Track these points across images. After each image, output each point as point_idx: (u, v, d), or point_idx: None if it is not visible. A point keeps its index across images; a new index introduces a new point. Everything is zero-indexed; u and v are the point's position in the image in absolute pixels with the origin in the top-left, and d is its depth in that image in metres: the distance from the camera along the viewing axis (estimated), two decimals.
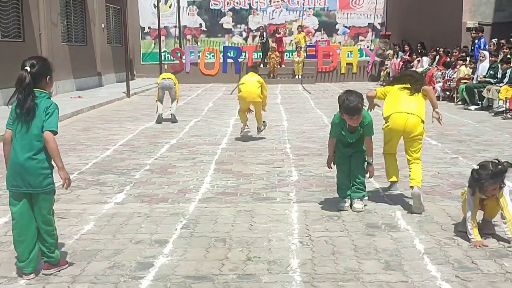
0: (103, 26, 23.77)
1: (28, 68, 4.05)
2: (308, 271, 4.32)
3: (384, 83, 23.80)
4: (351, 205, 5.94)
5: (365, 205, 5.97)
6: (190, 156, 8.80)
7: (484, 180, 4.82)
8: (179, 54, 26.89)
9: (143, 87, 22.03)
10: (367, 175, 6.09)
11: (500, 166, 4.86)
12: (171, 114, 12.89)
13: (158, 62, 25.22)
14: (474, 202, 4.96)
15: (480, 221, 5.16)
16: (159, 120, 12.69)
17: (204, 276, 4.22)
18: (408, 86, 6.12)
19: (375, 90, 6.54)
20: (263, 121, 10.59)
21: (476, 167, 4.94)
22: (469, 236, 4.88)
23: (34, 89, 4.05)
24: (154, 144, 9.93)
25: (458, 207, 5.94)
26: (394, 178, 6.16)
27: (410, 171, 6.01)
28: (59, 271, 4.29)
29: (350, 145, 5.98)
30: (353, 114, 5.63)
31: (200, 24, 28.81)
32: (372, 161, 6.08)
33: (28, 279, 4.15)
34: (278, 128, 11.85)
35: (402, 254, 4.65)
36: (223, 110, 15.35)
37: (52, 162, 4.16)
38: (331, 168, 6.14)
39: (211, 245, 4.89)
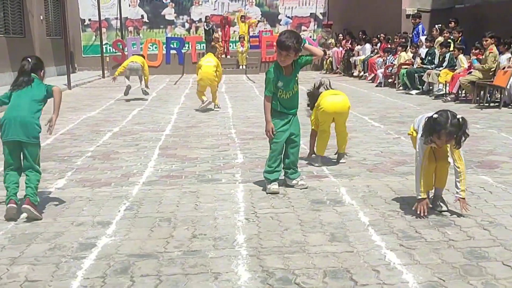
0: (41, 17, 23.15)
1: (29, 60, 5.33)
2: (254, 245, 4.29)
3: (326, 72, 24.06)
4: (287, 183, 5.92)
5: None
6: (133, 142, 8.66)
7: (442, 127, 4.54)
8: (121, 46, 26.45)
9: (85, 80, 21.59)
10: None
11: (458, 117, 4.59)
12: (141, 89, 14.47)
13: (100, 55, 24.79)
14: (424, 155, 4.80)
15: (432, 197, 5.08)
16: (127, 91, 14.24)
17: (149, 254, 4.14)
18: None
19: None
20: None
21: (434, 115, 4.63)
22: (417, 192, 4.84)
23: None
24: (96, 132, 9.73)
25: (402, 182, 6.05)
26: (321, 152, 6.96)
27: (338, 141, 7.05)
28: (36, 217, 4.93)
29: (290, 104, 5.76)
30: (283, 49, 5.51)
31: (142, 16, 28.47)
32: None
33: (12, 204, 4.94)
34: (223, 115, 11.78)
35: (347, 227, 4.67)
36: (166, 99, 15.18)
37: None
38: (273, 136, 5.73)
39: (155, 224, 4.81)
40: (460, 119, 4.58)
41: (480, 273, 3.72)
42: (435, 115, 4.62)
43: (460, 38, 15.23)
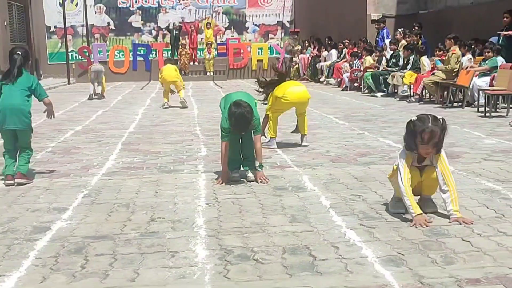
0: (5, 23, 22.80)
1: (20, 53, 5.86)
2: (213, 227, 4.22)
3: (294, 78, 24.10)
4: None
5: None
6: (95, 139, 8.52)
7: (425, 128, 4.22)
8: (87, 53, 26.15)
9: (49, 86, 21.29)
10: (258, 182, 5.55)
11: (438, 117, 4.33)
12: (97, 93, 15.85)
13: (65, 62, 24.47)
14: (405, 167, 4.30)
15: (419, 200, 4.52)
16: (90, 97, 15.60)
17: (105, 236, 4.04)
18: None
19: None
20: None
21: (414, 118, 4.37)
22: (409, 211, 4.24)
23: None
24: (58, 130, 9.56)
25: (364, 171, 6.05)
26: (274, 135, 7.43)
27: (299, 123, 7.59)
28: (26, 183, 5.68)
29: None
30: (245, 131, 5.49)
31: (108, 23, 28.20)
32: (260, 167, 5.62)
33: (10, 181, 5.67)
34: (188, 115, 11.69)
35: (308, 209, 4.63)
36: (132, 102, 15.03)
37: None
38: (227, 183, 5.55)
39: (113, 210, 4.71)
40: (441, 119, 4.32)
41: (439, 247, 3.70)
42: (415, 117, 4.38)
43: (420, 42, 15.40)
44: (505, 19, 12.69)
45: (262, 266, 3.44)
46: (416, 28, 16.26)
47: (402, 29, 16.53)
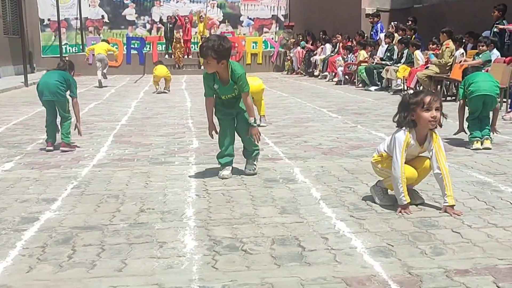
0: None
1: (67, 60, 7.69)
2: (203, 218, 4.19)
3: (288, 73, 24.07)
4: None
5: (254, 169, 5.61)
6: (87, 131, 8.43)
7: (424, 94, 4.15)
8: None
9: None
10: (252, 139, 5.46)
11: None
12: (99, 80, 17.61)
13: (59, 55, 24.36)
14: (402, 150, 4.17)
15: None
16: (100, 84, 17.49)
17: (93, 226, 4.01)
18: None
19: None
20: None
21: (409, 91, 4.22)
22: (400, 198, 4.21)
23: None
24: None
25: (356, 163, 6.03)
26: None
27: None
28: (70, 150, 6.83)
29: (231, 106, 5.43)
30: (203, 56, 5.20)
31: (102, 16, 28.11)
32: (255, 122, 5.44)
33: (50, 147, 6.89)
34: (181, 108, 11.67)
35: (299, 201, 4.61)
36: (125, 95, 14.97)
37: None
38: (213, 137, 5.56)
39: (102, 201, 4.68)
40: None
41: (429, 238, 3.69)
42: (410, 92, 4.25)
43: (414, 36, 15.38)
44: (495, 13, 12.68)
45: (251, 256, 3.42)
46: (410, 22, 16.24)
47: (396, 22, 16.51)
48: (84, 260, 3.39)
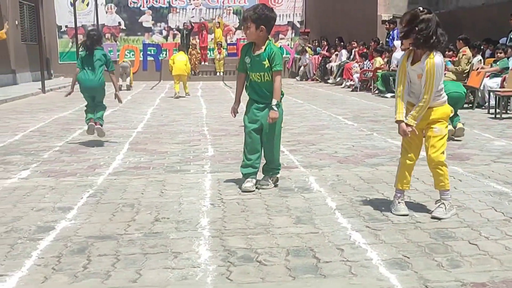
0: (16, 23, 22.90)
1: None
2: (217, 227, 4.19)
3: (302, 79, 24.04)
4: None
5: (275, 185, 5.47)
6: (103, 138, 8.50)
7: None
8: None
9: (60, 85, 21.35)
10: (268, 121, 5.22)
11: None
12: (126, 85, 19.13)
13: (76, 61, 24.48)
14: (401, 67, 4.35)
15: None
16: (120, 88, 17.08)
17: (108, 236, 4.02)
18: None
19: None
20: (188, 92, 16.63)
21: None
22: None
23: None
24: (67, 129, 9.58)
25: (372, 172, 6.00)
26: None
27: None
28: (102, 130, 7.99)
29: (259, 89, 5.27)
30: (244, 19, 5.26)
31: (119, 23, 28.31)
32: (277, 106, 5.20)
33: (92, 123, 7.91)
34: (196, 115, 11.69)
35: (314, 211, 4.59)
36: (141, 102, 15.05)
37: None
38: (234, 115, 5.53)
39: (118, 210, 4.69)
40: None
41: (445, 250, 3.65)
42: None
43: None
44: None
45: (265, 267, 3.40)
46: None
47: None
48: (99, 270, 3.40)
